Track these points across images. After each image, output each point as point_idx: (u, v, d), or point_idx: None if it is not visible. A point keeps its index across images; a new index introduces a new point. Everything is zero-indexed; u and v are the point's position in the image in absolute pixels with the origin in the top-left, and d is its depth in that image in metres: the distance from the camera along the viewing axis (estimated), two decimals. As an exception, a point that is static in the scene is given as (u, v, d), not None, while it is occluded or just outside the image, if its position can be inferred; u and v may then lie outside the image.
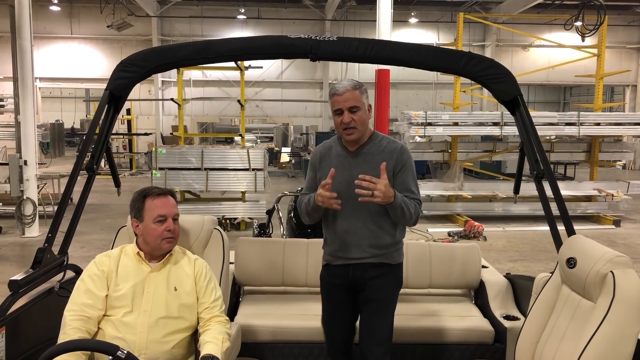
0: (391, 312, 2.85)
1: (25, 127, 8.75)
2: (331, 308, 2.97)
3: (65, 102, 25.96)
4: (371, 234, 2.78)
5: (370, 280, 2.80)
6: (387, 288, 2.85)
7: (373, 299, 2.81)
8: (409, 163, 2.82)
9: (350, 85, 2.74)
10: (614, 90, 27.43)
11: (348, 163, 2.81)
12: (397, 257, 2.88)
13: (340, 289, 2.88)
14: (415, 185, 2.82)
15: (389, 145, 2.84)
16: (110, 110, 3.05)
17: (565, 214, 2.80)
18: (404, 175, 2.79)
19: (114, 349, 1.92)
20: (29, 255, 5.86)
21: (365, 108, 2.77)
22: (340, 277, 2.87)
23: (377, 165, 2.68)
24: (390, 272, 2.85)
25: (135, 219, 2.62)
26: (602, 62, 11.07)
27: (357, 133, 2.76)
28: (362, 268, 2.81)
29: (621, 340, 2.02)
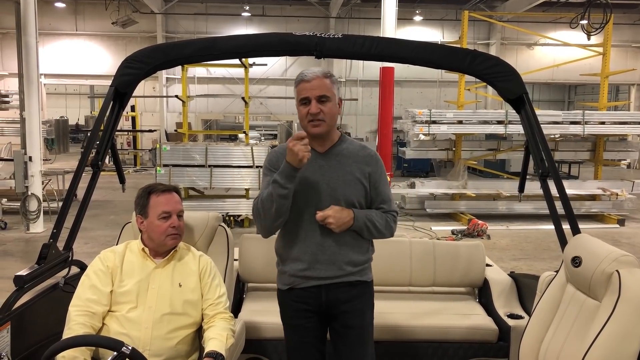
0: (371, 337, 2.56)
1: (30, 123, 8.77)
2: (297, 339, 2.55)
3: (70, 98, 26.00)
4: (346, 248, 2.46)
5: (347, 304, 2.47)
6: (366, 311, 2.55)
7: (353, 326, 2.49)
8: (384, 172, 2.59)
9: (320, 72, 2.44)
10: (619, 89, 27.31)
11: (319, 166, 2.47)
12: (370, 273, 2.58)
13: (309, 315, 2.50)
14: (391, 196, 2.59)
15: (362, 150, 2.56)
16: (115, 107, 3.05)
17: (570, 213, 2.79)
18: (381, 185, 2.54)
19: (118, 345, 1.92)
20: (34, 251, 5.88)
21: (335, 100, 2.45)
22: (309, 302, 2.48)
23: (351, 169, 2.47)
24: (367, 291, 2.55)
25: (140, 215, 2.63)
26: (608, 60, 11.03)
27: (324, 126, 2.42)
28: (336, 289, 2.46)
29: (626, 339, 2.02)
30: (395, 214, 2.57)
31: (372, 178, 2.52)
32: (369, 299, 2.57)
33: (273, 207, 2.36)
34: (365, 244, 2.55)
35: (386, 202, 2.55)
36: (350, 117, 23.16)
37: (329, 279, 2.45)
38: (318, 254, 2.44)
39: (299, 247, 2.47)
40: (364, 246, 2.54)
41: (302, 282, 2.48)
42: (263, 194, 2.42)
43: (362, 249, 2.52)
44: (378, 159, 2.59)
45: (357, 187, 2.48)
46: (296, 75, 2.47)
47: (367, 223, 2.43)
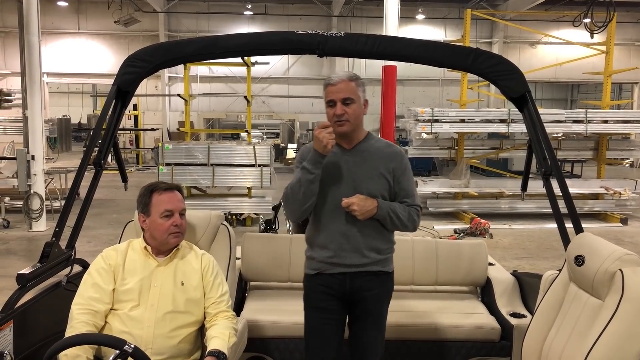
0: (384, 325, 2.71)
1: (32, 122, 8.78)
2: (320, 322, 2.66)
3: (72, 97, 26.03)
4: (370, 237, 2.60)
5: (369, 292, 2.61)
6: (384, 300, 2.69)
7: (371, 312, 2.64)
8: (409, 168, 2.69)
9: (345, 75, 2.57)
10: (622, 87, 27.26)
11: (345, 161, 2.61)
12: (391, 264, 2.71)
13: (332, 299, 2.63)
14: (415, 191, 2.71)
15: (387, 148, 2.69)
16: (118, 106, 3.05)
17: (573, 212, 2.78)
18: (405, 181, 2.66)
19: (121, 343, 1.92)
20: (36, 250, 5.88)
21: (360, 102, 2.58)
22: (334, 287, 2.62)
23: (376, 165, 2.61)
24: (387, 282, 2.69)
25: (142, 213, 2.63)
26: (611, 59, 11.00)
27: (349, 126, 2.56)
28: (360, 277, 2.60)
29: (629, 338, 2.01)
30: (419, 208, 2.67)
31: (396, 173, 2.64)
32: (388, 289, 2.71)
33: (301, 192, 2.53)
34: (388, 234, 2.67)
35: (409, 196, 2.66)
36: (352, 116, 23.14)
37: (354, 267, 2.59)
38: (343, 243, 2.59)
39: (325, 235, 2.62)
40: (387, 236, 2.67)
41: (329, 269, 2.62)
42: (293, 181, 2.59)
43: (384, 238, 2.65)
44: (403, 155, 2.70)
45: (381, 181, 2.61)
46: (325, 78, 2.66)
47: (390, 213, 2.56)
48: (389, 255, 2.69)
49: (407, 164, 2.70)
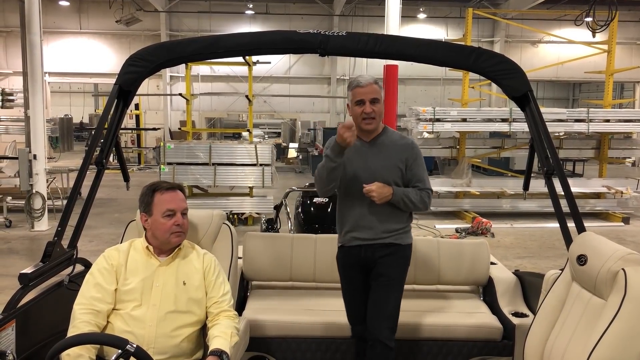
0: (398, 290, 3.04)
1: (34, 121, 8.79)
2: (347, 284, 3.19)
3: (74, 96, 26.05)
4: (383, 217, 2.99)
5: (380, 259, 3.01)
6: (395, 265, 3.03)
7: (381, 274, 3.01)
8: (420, 156, 3.06)
9: (371, 79, 2.97)
10: (624, 86, 27.22)
11: (364, 152, 3.02)
12: (406, 239, 3.08)
13: (355, 267, 3.09)
14: (426, 176, 3.05)
15: (400, 140, 3.08)
16: (120, 105, 3.05)
17: (575, 211, 2.78)
18: (416, 168, 3.02)
19: (123, 343, 1.93)
20: (38, 249, 5.90)
21: (382, 101, 3.01)
22: (354, 257, 3.07)
23: (390, 156, 2.99)
24: (399, 251, 3.04)
25: (144, 213, 2.63)
26: (613, 58, 10.99)
27: (375, 123, 2.99)
28: (373, 248, 3.01)
29: (632, 338, 2.01)
30: (430, 192, 3.04)
31: (408, 162, 3.01)
32: (400, 258, 3.06)
33: (325, 175, 2.96)
34: (401, 216, 3.04)
35: (420, 181, 3.02)
36: (354, 115, 23.12)
37: (368, 240, 3.02)
38: (359, 221, 3.02)
39: (346, 216, 3.08)
40: (399, 216, 3.04)
41: (349, 242, 3.08)
42: (320, 164, 3.03)
43: (397, 218, 3.03)
44: (414, 146, 3.08)
45: (394, 170, 2.99)
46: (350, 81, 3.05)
47: (403, 198, 2.95)
48: (401, 233, 3.05)
49: (418, 152, 3.07)
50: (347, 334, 3.41)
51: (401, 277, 3.07)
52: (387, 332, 2.96)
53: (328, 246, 3.92)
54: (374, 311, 3.00)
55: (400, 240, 3.04)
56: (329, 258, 3.86)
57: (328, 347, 3.41)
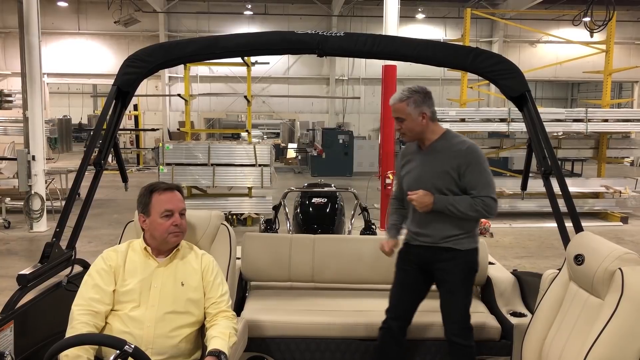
0: (463, 293, 3.05)
1: (33, 122, 8.79)
2: (400, 277, 3.24)
3: (72, 97, 26.04)
4: (441, 224, 3.00)
5: (440, 263, 3.05)
6: (455, 271, 3.03)
7: (444, 280, 3.07)
8: (475, 162, 2.94)
9: (397, 97, 3.00)
10: (622, 86, 27.26)
11: (420, 159, 3.09)
12: (467, 244, 3.04)
13: (413, 264, 3.17)
14: (481, 183, 2.94)
15: (456, 145, 2.99)
16: (118, 106, 3.05)
17: (573, 211, 2.78)
18: (470, 174, 2.94)
19: (121, 344, 1.93)
20: (37, 250, 5.89)
21: (412, 117, 2.97)
22: (414, 255, 3.16)
23: (442, 163, 2.96)
24: (458, 256, 3.02)
25: (142, 213, 2.63)
26: (611, 58, 10.99)
27: (407, 138, 3.09)
28: (433, 251, 3.06)
29: (629, 337, 2.01)
30: (485, 199, 2.92)
31: (461, 169, 2.94)
32: (461, 263, 3.04)
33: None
34: (459, 222, 3.00)
35: (474, 188, 2.94)
36: (352, 115, 23.16)
37: (429, 243, 3.07)
38: (420, 226, 3.10)
39: (411, 219, 3.18)
40: (457, 223, 3.00)
41: (412, 241, 3.17)
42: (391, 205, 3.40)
43: (455, 223, 3.00)
44: (469, 152, 2.96)
45: (445, 177, 2.95)
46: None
47: (448, 207, 2.93)
48: (462, 238, 3.03)
49: (473, 158, 2.95)
50: (346, 334, 3.41)
51: (464, 281, 3.07)
52: (460, 332, 3.04)
53: (327, 246, 3.93)
54: (444, 315, 3.09)
55: (459, 245, 3.02)
56: (327, 258, 3.88)
57: (327, 347, 3.41)
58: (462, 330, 3.04)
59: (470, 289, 3.12)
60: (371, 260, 3.86)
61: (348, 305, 3.66)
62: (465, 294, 3.07)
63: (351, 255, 3.90)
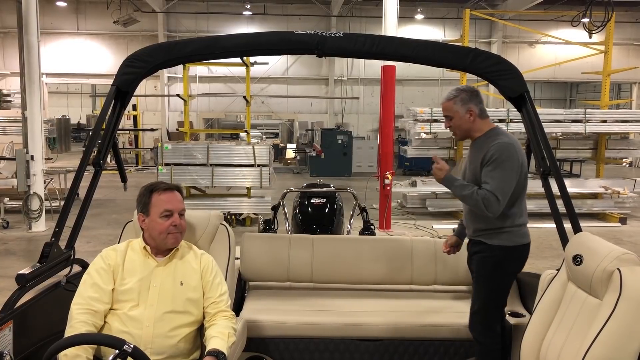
0: (487, 287, 3.13)
1: (32, 122, 8.78)
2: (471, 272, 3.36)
3: (71, 97, 26.01)
4: (473, 217, 3.17)
5: (474, 255, 3.21)
6: (483, 264, 3.14)
7: (473, 271, 3.24)
8: (494, 158, 2.97)
9: (446, 96, 3.15)
10: (621, 87, 27.27)
11: (469, 154, 3.25)
12: (496, 240, 3.10)
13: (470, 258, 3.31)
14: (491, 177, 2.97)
15: (490, 142, 3.05)
16: (117, 106, 3.05)
17: (571, 211, 2.79)
18: (486, 168, 3.01)
19: (120, 343, 1.93)
20: (36, 250, 5.89)
21: (460, 115, 3.10)
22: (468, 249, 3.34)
23: (477, 157, 3.06)
24: (487, 251, 3.12)
25: (141, 213, 2.63)
26: (609, 59, 11.00)
27: (457, 135, 3.25)
28: (472, 244, 3.26)
29: (628, 337, 2.02)
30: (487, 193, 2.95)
31: (483, 162, 3.03)
32: (488, 257, 3.12)
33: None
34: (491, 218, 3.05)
35: (485, 182, 3.01)
36: (351, 116, 23.16)
37: (469, 235, 3.28)
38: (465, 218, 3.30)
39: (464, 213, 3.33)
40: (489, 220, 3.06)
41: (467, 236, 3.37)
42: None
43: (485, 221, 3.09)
44: (495, 148, 2.99)
45: (476, 171, 3.07)
46: None
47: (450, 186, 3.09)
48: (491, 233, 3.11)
49: (495, 156, 2.97)
50: (345, 334, 3.42)
51: (488, 276, 3.12)
52: (477, 326, 3.14)
53: (325, 247, 3.93)
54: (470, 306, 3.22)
55: (488, 239, 3.11)
56: (326, 258, 3.88)
57: (326, 347, 3.42)
58: (480, 325, 3.13)
59: (498, 288, 3.13)
60: (370, 261, 3.87)
61: (347, 306, 3.66)
62: (490, 290, 3.13)
63: (350, 255, 3.90)
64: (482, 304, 3.13)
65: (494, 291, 3.13)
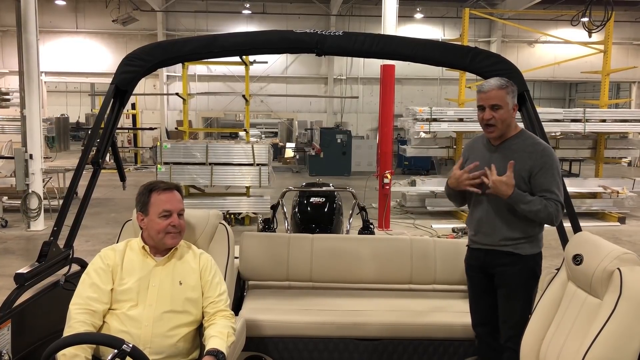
0: (521, 299, 2.91)
1: (30, 121, 8.76)
2: (470, 285, 3.18)
3: (70, 96, 25.98)
4: (502, 224, 2.88)
5: (500, 267, 2.94)
6: (515, 277, 2.91)
7: (502, 285, 2.96)
8: (549, 165, 2.81)
9: (496, 84, 2.81)
10: (620, 86, 27.28)
11: (489, 156, 2.92)
12: (529, 249, 2.91)
13: (476, 269, 3.08)
14: (556, 187, 2.80)
15: (530, 146, 2.85)
16: (116, 105, 3.05)
17: (571, 211, 2.79)
18: (542, 177, 2.80)
19: (119, 343, 1.92)
20: (34, 249, 5.87)
21: (508, 107, 2.82)
22: (475, 259, 3.07)
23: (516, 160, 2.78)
24: (519, 262, 2.89)
25: (140, 212, 2.62)
26: (609, 58, 11.01)
27: (497, 131, 2.86)
28: (492, 254, 2.95)
29: (628, 337, 2.01)
30: (557, 203, 2.78)
31: (533, 171, 2.80)
32: (521, 269, 2.90)
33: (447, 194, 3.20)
34: (523, 222, 2.86)
35: (546, 191, 2.79)
36: (351, 115, 23.15)
37: (488, 245, 2.96)
38: (480, 226, 2.98)
39: (471, 219, 3.06)
40: (521, 224, 2.86)
41: (472, 244, 3.09)
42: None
43: (517, 226, 2.87)
44: (545, 153, 2.83)
45: (516, 178, 2.76)
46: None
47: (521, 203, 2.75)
48: (523, 242, 2.89)
49: (548, 162, 2.81)
50: (344, 334, 3.41)
51: (524, 287, 2.92)
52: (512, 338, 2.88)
53: (325, 246, 3.93)
54: (502, 320, 2.98)
55: (520, 250, 2.88)
56: (325, 258, 3.88)
57: (325, 346, 3.41)
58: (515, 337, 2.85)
59: (532, 296, 2.94)
60: (369, 260, 3.87)
61: (346, 305, 3.66)
62: (525, 300, 2.92)
63: (349, 254, 3.90)
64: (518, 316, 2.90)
65: (530, 299, 2.93)
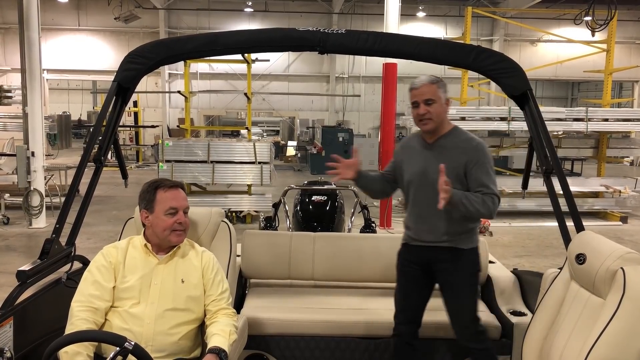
0: (468, 295, 2.96)
1: (32, 118, 8.77)
2: (402, 280, 3.13)
3: (72, 93, 26.02)
4: (442, 220, 2.88)
5: (442, 264, 2.94)
6: (459, 272, 2.94)
7: (448, 282, 2.97)
8: (483, 160, 2.85)
9: (427, 80, 2.88)
10: (623, 86, 27.26)
11: (423, 155, 2.95)
12: (469, 242, 2.95)
13: (415, 266, 3.05)
14: (491, 181, 2.83)
15: (464, 142, 2.90)
16: (118, 102, 3.04)
17: (574, 210, 2.78)
18: (478, 171, 2.83)
19: (121, 340, 1.92)
20: (36, 246, 5.88)
21: (442, 101, 2.87)
22: (414, 255, 3.05)
23: (449, 159, 2.81)
24: (461, 257, 2.92)
25: (145, 210, 2.61)
26: (612, 57, 10.98)
27: (432, 124, 2.87)
28: (433, 251, 2.95)
29: (631, 337, 2.01)
30: (494, 197, 2.82)
31: (468, 166, 2.84)
32: (465, 263, 2.94)
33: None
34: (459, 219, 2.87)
35: (483, 186, 2.82)
36: (352, 113, 23.14)
37: (428, 242, 2.96)
38: (418, 224, 2.99)
39: (408, 217, 3.07)
40: (458, 221, 2.88)
41: (411, 242, 3.06)
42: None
43: (456, 222, 2.88)
44: (479, 148, 2.87)
45: (451, 174, 2.75)
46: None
47: (462, 200, 2.74)
48: (463, 237, 2.93)
49: (482, 157, 2.85)
50: (345, 332, 3.41)
51: (469, 282, 2.96)
52: (473, 336, 2.94)
53: (326, 244, 3.92)
54: (452, 320, 2.99)
55: (461, 244, 2.92)
56: (327, 256, 3.87)
57: (327, 345, 3.41)
58: (475, 335, 2.95)
59: (476, 290, 3.02)
60: (371, 259, 3.86)
61: (347, 303, 3.65)
62: (471, 295, 2.98)
63: (351, 253, 3.89)
64: (470, 314, 2.96)
65: (475, 295, 3.01)
